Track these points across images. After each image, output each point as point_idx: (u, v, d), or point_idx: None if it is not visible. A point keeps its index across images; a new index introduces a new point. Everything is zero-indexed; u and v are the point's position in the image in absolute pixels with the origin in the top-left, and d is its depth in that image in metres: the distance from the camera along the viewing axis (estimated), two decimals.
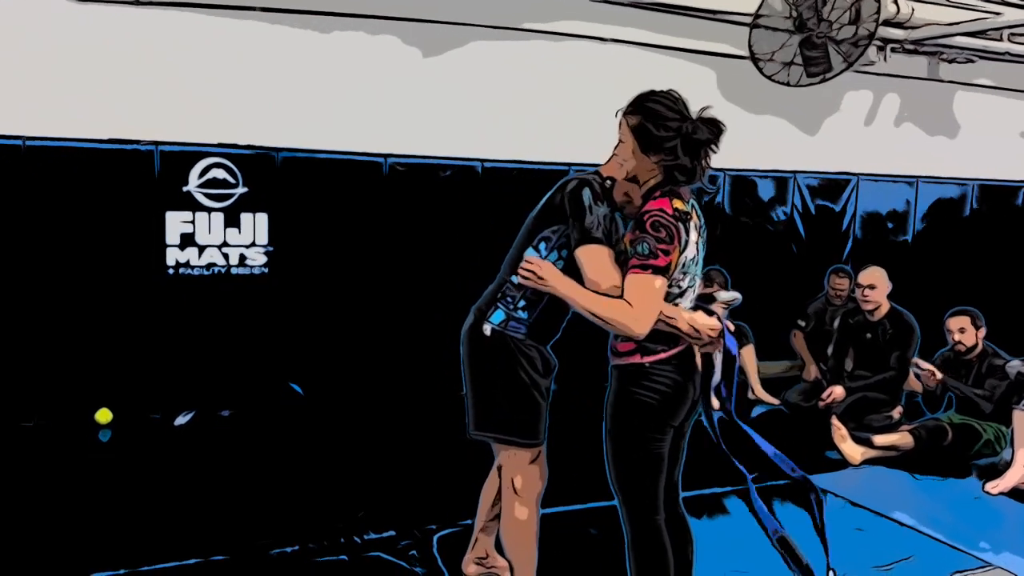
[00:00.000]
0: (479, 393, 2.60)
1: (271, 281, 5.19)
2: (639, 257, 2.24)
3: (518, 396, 2.55)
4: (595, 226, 2.36)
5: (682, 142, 2.26)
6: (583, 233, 2.36)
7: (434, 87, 5.47)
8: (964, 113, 7.36)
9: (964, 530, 3.68)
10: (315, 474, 4.20)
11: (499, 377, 2.56)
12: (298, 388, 5.34)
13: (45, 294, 4.76)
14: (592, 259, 2.35)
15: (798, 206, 6.82)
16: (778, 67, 6.01)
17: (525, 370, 2.54)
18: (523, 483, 2.63)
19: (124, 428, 4.80)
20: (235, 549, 3.28)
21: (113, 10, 4.78)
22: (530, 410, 2.57)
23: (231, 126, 5.03)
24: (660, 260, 2.23)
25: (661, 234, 2.23)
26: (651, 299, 2.24)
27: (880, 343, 5.23)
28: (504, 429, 2.58)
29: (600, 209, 2.37)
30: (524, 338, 2.54)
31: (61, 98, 4.68)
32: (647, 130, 2.28)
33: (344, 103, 5.28)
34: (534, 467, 2.64)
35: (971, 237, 7.43)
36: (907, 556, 3.41)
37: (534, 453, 2.63)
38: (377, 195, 5.40)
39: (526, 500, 2.64)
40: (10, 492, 3.81)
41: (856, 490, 4.15)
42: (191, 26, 4.94)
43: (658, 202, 2.28)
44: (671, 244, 2.24)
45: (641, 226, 2.26)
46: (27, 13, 4.65)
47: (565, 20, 5.78)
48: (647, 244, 2.23)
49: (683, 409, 2.40)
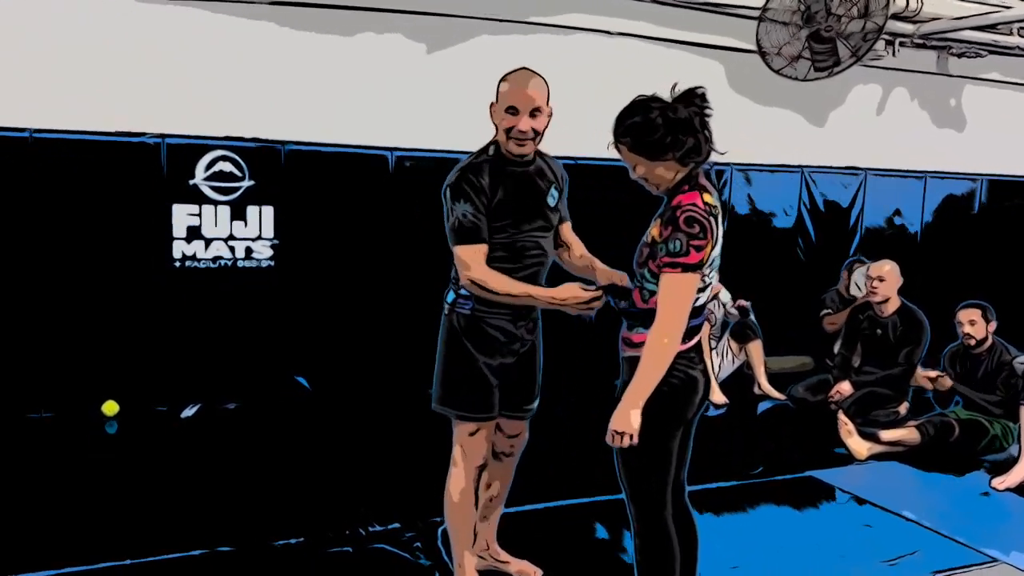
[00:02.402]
0: (436, 368, 2.76)
1: (277, 274, 5.19)
2: (671, 255, 2.21)
3: (459, 371, 2.69)
4: (456, 226, 2.56)
5: (673, 129, 2.24)
6: (449, 233, 2.60)
7: (440, 81, 5.46)
8: (973, 108, 7.32)
9: (971, 526, 3.66)
10: (320, 466, 4.21)
11: (446, 353, 2.72)
12: (304, 381, 5.35)
13: (52, 286, 4.78)
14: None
15: (806, 201, 6.80)
16: (786, 61, 5.98)
17: (466, 347, 2.67)
18: (461, 454, 2.75)
19: (130, 420, 4.81)
20: (241, 540, 3.29)
21: (120, 3, 4.78)
22: (470, 385, 2.69)
23: (237, 119, 5.03)
24: (692, 257, 2.20)
25: (694, 229, 2.20)
26: (682, 300, 2.24)
27: (890, 339, 5.21)
28: (446, 401, 2.73)
29: (460, 207, 2.54)
30: (471, 314, 2.65)
31: (68, 90, 4.68)
32: (643, 144, 2.27)
33: (350, 96, 5.28)
34: (474, 440, 2.73)
35: (980, 233, 7.39)
36: (913, 551, 3.39)
37: (474, 427, 2.72)
38: (383, 189, 5.39)
39: (462, 472, 2.76)
40: (18, 483, 3.83)
41: (862, 485, 4.14)
42: (198, 20, 4.94)
43: (689, 196, 2.26)
44: (704, 239, 2.21)
45: (674, 222, 2.22)
46: (35, 6, 4.65)
47: (572, 13, 5.77)
48: (679, 241, 2.20)
49: (695, 403, 2.38)
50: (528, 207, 2.66)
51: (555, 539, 3.41)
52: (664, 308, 2.23)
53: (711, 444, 4.65)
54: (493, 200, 2.58)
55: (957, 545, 3.47)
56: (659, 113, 2.25)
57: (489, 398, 2.71)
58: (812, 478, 4.25)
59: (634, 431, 2.22)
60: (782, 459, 4.55)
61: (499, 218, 2.59)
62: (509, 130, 2.57)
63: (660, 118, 2.25)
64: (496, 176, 2.59)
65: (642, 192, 2.43)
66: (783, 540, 3.49)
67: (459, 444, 2.76)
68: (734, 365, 5.92)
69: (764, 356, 5.87)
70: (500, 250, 2.62)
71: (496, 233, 2.60)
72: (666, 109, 2.26)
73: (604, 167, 5.79)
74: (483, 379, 2.69)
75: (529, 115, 2.56)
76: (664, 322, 2.24)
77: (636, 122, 2.27)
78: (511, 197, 2.61)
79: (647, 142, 2.26)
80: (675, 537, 2.41)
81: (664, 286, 2.24)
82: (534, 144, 2.63)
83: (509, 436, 2.92)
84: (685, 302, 2.24)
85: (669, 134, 2.24)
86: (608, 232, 3.32)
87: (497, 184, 2.59)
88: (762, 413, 5.55)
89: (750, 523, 3.69)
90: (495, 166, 2.61)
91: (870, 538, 3.54)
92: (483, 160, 2.62)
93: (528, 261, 2.68)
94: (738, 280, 5.74)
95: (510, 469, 3.00)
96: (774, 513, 3.82)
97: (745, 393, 5.77)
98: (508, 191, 2.60)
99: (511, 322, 2.69)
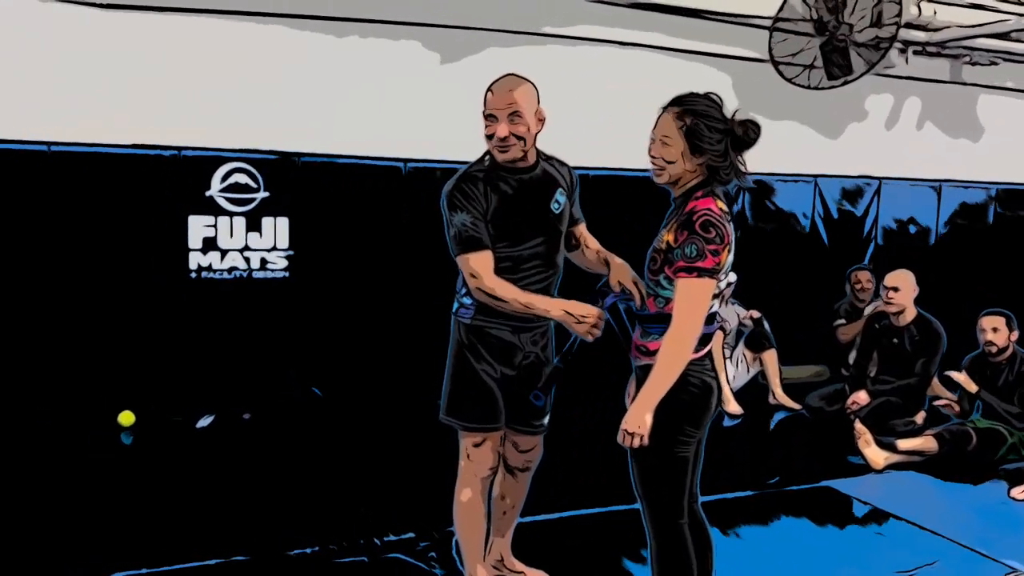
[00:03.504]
0: (444, 379, 2.74)
1: (292, 284, 5.22)
2: (686, 259, 2.22)
3: (462, 381, 2.68)
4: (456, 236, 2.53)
5: (732, 142, 2.27)
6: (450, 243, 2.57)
7: (453, 91, 5.46)
8: (988, 116, 7.28)
9: (990, 536, 3.62)
10: (335, 476, 4.22)
11: (450, 363, 2.72)
12: (318, 391, 5.36)
13: (70, 297, 4.82)
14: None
15: (819, 210, 6.78)
16: (799, 70, 5.98)
17: (468, 357, 2.66)
18: (467, 466, 2.75)
19: (146, 430, 4.83)
20: (255, 550, 3.29)
21: (137, 17, 4.84)
22: (472, 395, 2.67)
23: (253, 132, 5.07)
24: (708, 261, 2.20)
25: (711, 234, 2.21)
26: (699, 304, 2.24)
27: (906, 349, 5.18)
28: (451, 412, 2.72)
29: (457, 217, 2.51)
30: (471, 323, 2.64)
31: (86, 104, 4.73)
32: (699, 132, 2.26)
33: (364, 108, 5.31)
34: (479, 451, 2.72)
35: (995, 242, 7.34)
36: (931, 561, 3.36)
37: (479, 437, 2.70)
38: (396, 199, 5.42)
39: (468, 482, 2.75)
40: (34, 492, 3.85)
41: (880, 495, 4.10)
42: (213, 33, 4.99)
43: (704, 202, 2.26)
44: (721, 244, 2.22)
45: (690, 226, 2.23)
46: (52, 21, 4.72)
47: (583, 24, 5.79)
48: (695, 246, 2.20)
49: (711, 410, 2.38)
50: (527, 218, 2.61)
51: (569, 550, 3.40)
52: (681, 312, 2.23)
53: (727, 454, 4.64)
54: (488, 209, 2.54)
55: (976, 555, 3.44)
56: (724, 120, 2.28)
57: (492, 409, 2.68)
58: (829, 488, 4.22)
59: (646, 432, 2.22)
60: (798, 469, 4.52)
61: (496, 228, 2.56)
62: (490, 137, 2.55)
63: (724, 124, 2.27)
64: (490, 185, 2.56)
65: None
66: (800, 550, 3.46)
67: (465, 455, 2.74)
68: (749, 374, 5.89)
69: (779, 365, 5.84)
70: (501, 262, 2.57)
71: (495, 243, 2.57)
72: (734, 122, 2.28)
73: (616, 178, 5.83)
74: (485, 389, 2.67)
75: (508, 120, 2.51)
76: (681, 326, 2.23)
77: (705, 109, 2.28)
78: (508, 207, 2.57)
79: (701, 131, 2.26)
80: (692, 545, 2.40)
81: (681, 291, 2.24)
82: (521, 149, 2.56)
83: (522, 451, 2.88)
84: (702, 307, 2.25)
85: (721, 142, 2.26)
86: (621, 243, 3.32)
87: (491, 193, 2.55)
88: (778, 423, 5.52)
89: (767, 533, 3.67)
90: (489, 175, 2.58)
91: (888, 548, 3.51)
92: (477, 169, 2.60)
93: (532, 275, 2.63)
94: (752, 289, 5.72)
95: (524, 484, 2.97)
96: (791, 523, 3.79)
97: (760, 403, 5.74)
98: (504, 200, 2.56)
99: (512, 333, 2.66)
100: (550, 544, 3.37)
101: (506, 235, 2.58)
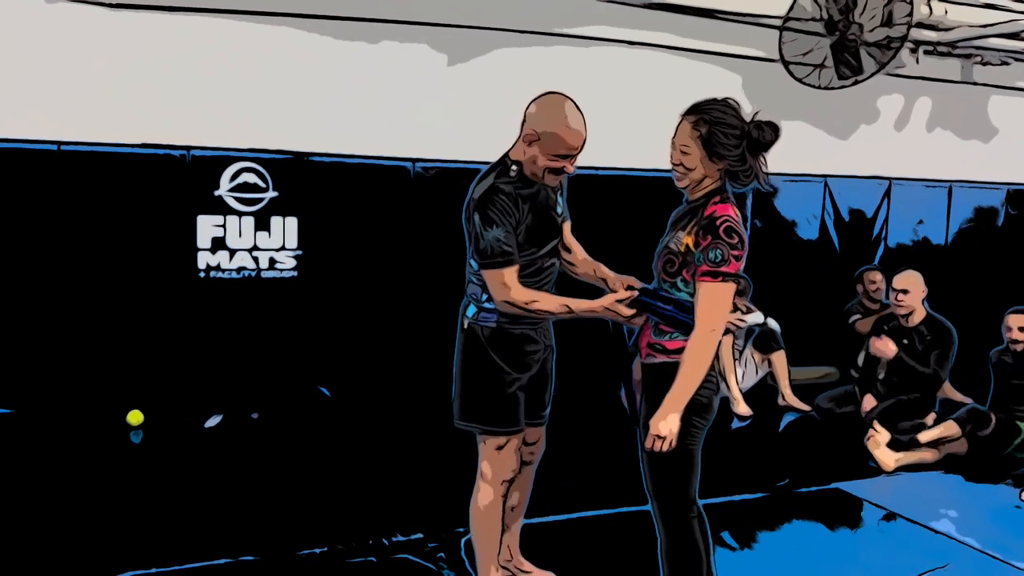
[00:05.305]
0: (457, 384, 2.73)
1: (300, 284, 5.22)
2: (711, 264, 2.27)
3: (485, 386, 2.67)
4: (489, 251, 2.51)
5: (748, 146, 2.30)
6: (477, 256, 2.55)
7: (461, 92, 5.48)
8: (999, 116, 7.24)
9: (1002, 538, 3.60)
10: (343, 476, 4.22)
11: (470, 367, 2.69)
12: (326, 391, 5.36)
13: (78, 296, 4.83)
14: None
15: (829, 211, 6.75)
16: (809, 70, 5.96)
17: (493, 360, 2.64)
18: (489, 469, 2.73)
19: (155, 430, 4.84)
20: (264, 550, 3.29)
21: (146, 17, 4.85)
22: (496, 399, 2.67)
23: (261, 131, 5.08)
24: (731, 266, 2.27)
25: (734, 239, 2.27)
26: (723, 307, 2.32)
27: (917, 349, 5.15)
28: (470, 417, 2.70)
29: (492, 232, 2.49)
30: (497, 327, 2.63)
31: (95, 104, 4.75)
32: (715, 139, 2.30)
33: (372, 108, 5.31)
34: (502, 454, 2.71)
35: (1007, 242, 7.30)
36: (943, 564, 3.34)
37: (501, 441, 2.70)
38: (404, 199, 5.41)
39: (491, 486, 2.74)
40: (44, 491, 3.86)
41: (891, 497, 4.08)
42: (223, 33, 5.00)
43: (723, 207, 2.31)
44: (742, 249, 2.29)
45: (714, 231, 2.27)
46: (62, 21, 4.73)
47: (592, 24, 5.78)
48: (720, 250, 2.26)
49: (714, 405, 2.42)
50: (548, 226, 2.66)
51: (578, 550, 3.39)
52: (707, 316, 2.29)
53: (736, 456, 4.62)
54: (522, 220, 2.57)
55: (988, 558, 3.42)
56: (741, 124, 2.30)
57: (516, 411, 2.70)
58: (839, 490, 4.20)
59: (675, 436, 2.27)
60: (808, 471, 4.50)
61: (524, 239, 2.58)
62: (556, 170, 2.56)
63: (740, 129, 2.30)
64: (523, 199, 2.58)
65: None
66: (810, 552, 3.44)
67: (486, 459, 2.73)
68: (757, 376, 5.87)
69: (788, 367, 5.81)
70: (527, 267, 2.61)
71: (522, 250, 2.59)
72: (752, 125, 2.30)
73: (625, 178, 5.82)
74: (511, 392, 2.67)
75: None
76: (707, 329, 2.29)
77: (720, 116, 2.31)
78: (534, 219, 2.60)
79: (717, 138, 2.29)
80: (702, 540, 2.42)
81: (706, 294, 2.29)
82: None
83: (529, 443, 2.90)
84: (726, 310, 2.33)
85: (738, 147, 2.29)
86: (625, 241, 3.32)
87: (522, 204, 2.57)
88: (787, 425, 5.50)
89: (777, 535, 3.65)
90: (520, 188, 2.58)
91: (898, 551, 3.49)
92: (508, 181, 2.57)
93: (545, 275, 2.70)
94: (762, 290, 5.70)
95: (529, 477, 2.99)
96: (800, 526, 3.77)
97: (770, 405, 5.72)
98: (531, 213, 2.60)
99: (533, 329, 2.70)
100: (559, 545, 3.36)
101: (534, 241, 2.62)
